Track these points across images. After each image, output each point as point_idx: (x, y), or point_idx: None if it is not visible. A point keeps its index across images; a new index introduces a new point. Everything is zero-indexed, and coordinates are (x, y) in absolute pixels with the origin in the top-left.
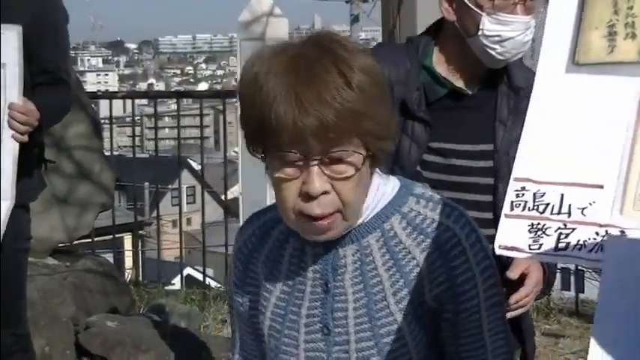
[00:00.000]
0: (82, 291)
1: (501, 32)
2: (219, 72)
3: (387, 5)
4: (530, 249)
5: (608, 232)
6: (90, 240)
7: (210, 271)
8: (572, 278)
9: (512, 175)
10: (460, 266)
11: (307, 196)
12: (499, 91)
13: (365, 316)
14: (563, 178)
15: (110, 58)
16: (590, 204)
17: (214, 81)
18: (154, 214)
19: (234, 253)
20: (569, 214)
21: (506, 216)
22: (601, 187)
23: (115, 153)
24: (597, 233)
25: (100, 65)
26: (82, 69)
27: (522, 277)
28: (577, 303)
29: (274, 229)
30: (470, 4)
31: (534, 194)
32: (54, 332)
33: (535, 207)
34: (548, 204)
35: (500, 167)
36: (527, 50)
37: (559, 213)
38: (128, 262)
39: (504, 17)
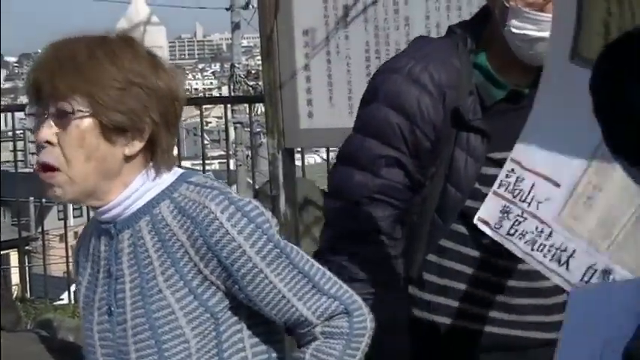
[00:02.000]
0: None
1: (529, 31)
2: None
3: (264, 12)
4: (494, 227)
5: (540, 230)
6: None
7: None
8: None
9: (510, 156)
10: (221, 240)
11: (37, 147)
12: None
13: (139, 295)
14: (538, 169)
15: None
16: (546, 199)
17: None
18: (40, 229)
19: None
20: (529, 204)
21: (494, 193)
22: (558, 185)
23: None
24: (537, 228)
25: None
26: None
27: None
28: None
29: (91, 225)
30: None
31: (517, 178)
32: None
33: (512, 191)
34: (521, 190)
35: None
36: None
37: (523, 201)
38: (15, 278)
39: (533, 15)
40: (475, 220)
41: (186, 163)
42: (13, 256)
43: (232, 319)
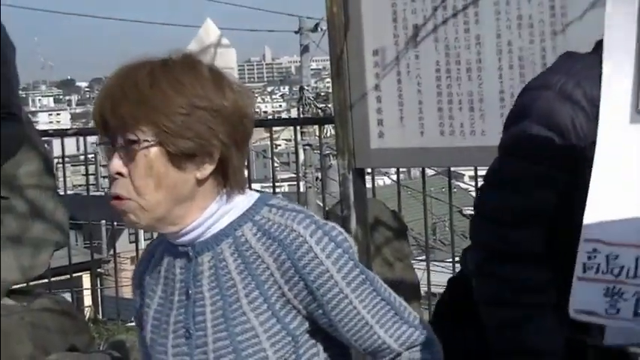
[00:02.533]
0: (40, 330)
1: None
2: None
3: (334, 32)
4: (608, 313)
5: None
6: (47, 280)
7: None
8: None
9: (582, 237)
10: (309, 263)
11: (110, 179)
12: None
13: (221, 317)
14: (636, 240)
15: (61, 97)
16: None
17: None
18: (112, 251)
19: (132, 275)
20: None
21: (579, 278)
22: None
23: (70, 192)
24: None
25: (52, 105)
26: (33, 109)
27: None
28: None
29: (158, 248)
30: None
31: (607, 256)
32: None
33: (609, 270)
34: (622, 267)
35: None
36: None
37: (635, 276)
38: (87, 300)
39: None
40: (573, 315)
41: (255, 186)
42: (86, 279)
43: (310, 341)
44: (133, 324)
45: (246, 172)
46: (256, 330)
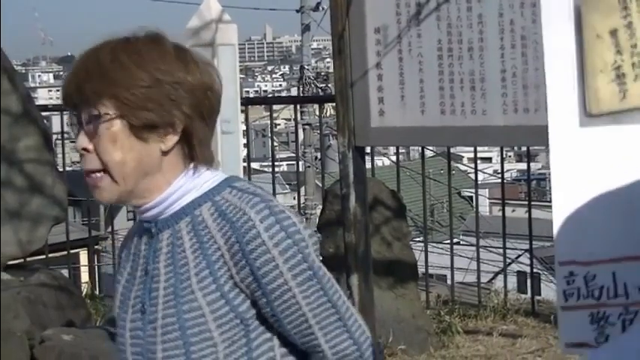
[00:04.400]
0: (37, 305)
1: None
2: None
3: (336, 10)
4: (597, 342)
5: None
6: (44, 256)
7: None
8: (529, 281)
9: (557, 260)
10: (256, 249)
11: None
12: None
13: (172, 294)
14: (609, 254)
15: (61, 73)
16: None
17: None
18: (110, 228)
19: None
20: (627, 295)
21: (563, 308)
22: None
23: (69, 168)
24: None
25: (52, 81)
26: (33, 85)
27: None
28: (533, 303)
29: (135, 225)
30: None
31: (585, 278)
32: (8, 347)
33: (590, 293)
34: (602, 287)
35: None
36: None
37: (616, 296)
38: (84, 277)
39: None
40: (564, 349)
41: (254, 165)
42: (83, 255)
43: (263, 327)
44: None
45: (245, 152)
46: (203, 310)
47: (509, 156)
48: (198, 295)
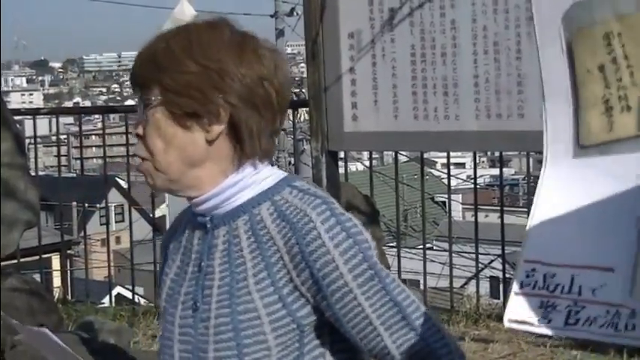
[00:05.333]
0: (9, 309)
1: None
2: None
3: (310, 15)
4: (540, 322)
5: (619, 312)
6: (16, 260)
7: (140, 290)
8: (501, 286)
9: (522, 257)
10: (316, 250)
11: None
12: None
13: (226, 293)
14: (573, 261)
15: (34, 77)
16: (601, 286)
17: None
18: (82, 233)
19: (161, 242)
20: (580, 293)
21: (516, 294)
22: (612, 270)
23: (42, 173)
24: (608, 312)
25: (25, 85)
26: (5, 89)
27: None
28: (505, 308)
29: (184, 217)
30: None
31: (545, 275)
32: None
33: (545, 286)
34: (558, 284)
35: None
36: None
37: (569, 292)
38: (56, 282)
39: None
40: (507, 324)
41: None
42: (55, 260)
43: (318, 333)
44: (102, 305)
45: None
46: (259, 312)
47: (483, 161)
48: (255, 297)
